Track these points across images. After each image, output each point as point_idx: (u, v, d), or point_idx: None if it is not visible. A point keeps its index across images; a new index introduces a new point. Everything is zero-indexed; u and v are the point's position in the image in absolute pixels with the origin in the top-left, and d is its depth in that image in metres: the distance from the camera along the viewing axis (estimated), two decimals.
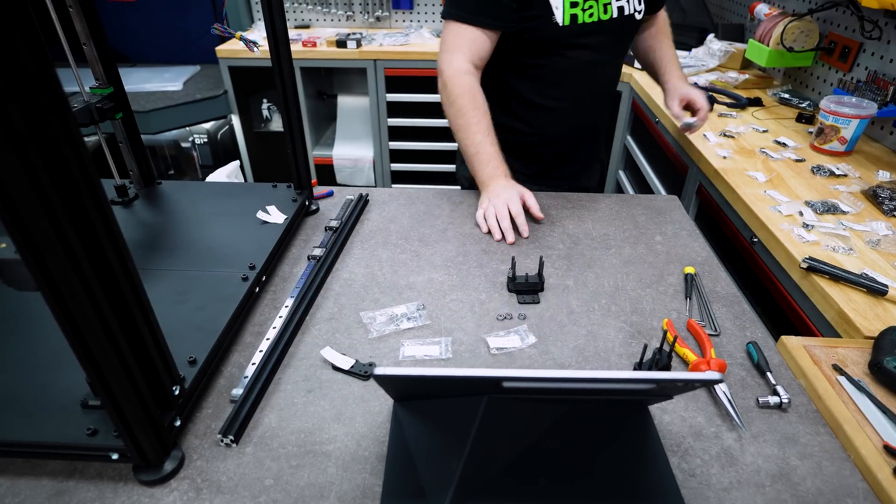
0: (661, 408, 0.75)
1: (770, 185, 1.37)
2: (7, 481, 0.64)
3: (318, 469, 0.66)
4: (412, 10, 3.03)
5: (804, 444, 0.70)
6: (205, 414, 0.73)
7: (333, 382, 0.78)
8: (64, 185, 0.45)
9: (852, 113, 1.46)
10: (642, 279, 1.00)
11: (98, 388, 0.54)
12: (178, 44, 3.06)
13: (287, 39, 1.01)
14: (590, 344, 0.86)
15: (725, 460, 0.68)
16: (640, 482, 0.64)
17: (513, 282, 0.96)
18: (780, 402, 0.74)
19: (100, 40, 0.97)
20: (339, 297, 0.95)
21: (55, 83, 0.42)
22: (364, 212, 1.21)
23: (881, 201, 1.25)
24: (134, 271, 0.55)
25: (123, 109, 1.05)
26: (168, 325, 0.63)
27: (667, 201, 1.26)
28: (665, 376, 0.68)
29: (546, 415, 0.61)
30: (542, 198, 1.26)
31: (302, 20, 3.10)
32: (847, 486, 0.65)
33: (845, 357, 0.82)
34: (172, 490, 0.64)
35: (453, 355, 0.83)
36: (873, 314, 0.93)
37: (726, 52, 2.20)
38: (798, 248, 1.11)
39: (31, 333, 0.78)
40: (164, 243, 0.99)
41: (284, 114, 1.08)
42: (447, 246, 1.08)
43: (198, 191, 1.18)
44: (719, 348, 0.85)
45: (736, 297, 0.96)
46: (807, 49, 1.84)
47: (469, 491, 0.59)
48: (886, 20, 1.56)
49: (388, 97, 2.75)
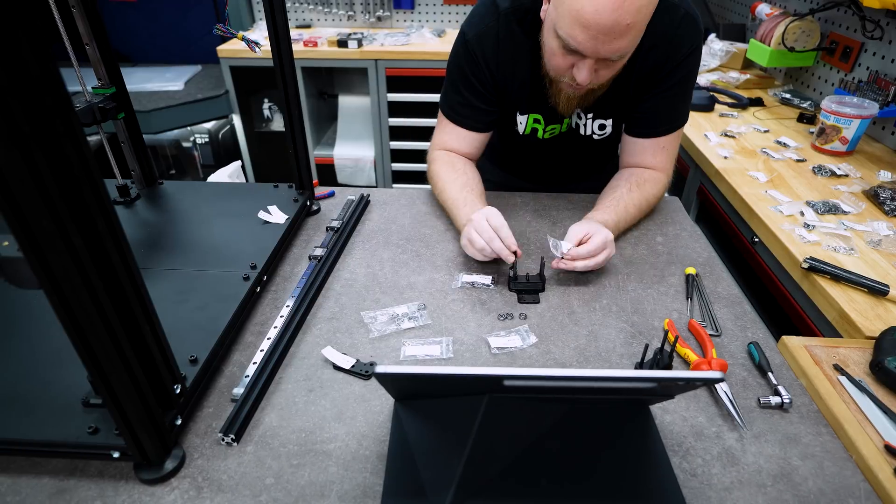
0: (663, 408, 0.75)
1: (771, 185, 1.37)
2: (8, 479, 0.64)
3: (319, 468, 0.66)
4: (413, 10, 3.03)
5: (806, 445, 0.70)
6: (206, 413, 0.73)
7: (334, 382, 0.78)
8: (66, 183, 0.45)
9: (853, 113, 1.46)
10: (643, 279, 1.00)
11: (99, 386, 0.54)
12: (179, 44, 3.06)
13: (288, 39, 1.01)
14: (591, 344, 0.86)
15: (727, 460, 0.68)
16: (641, 482, 0.64)
17: (514, 282, 0.96)
18: (781, 403, 0.74)
19: (102, 41, 0.97)
20: (341, 296, 0.95)
21: (58, 82, 0.42)
22: (365, 212, 1.21)
23: (882, 201, 1.25)
24: (136, 270, 0.55)
25: (125, 109, 1.06)
26: (169, 324, 0.63)
27: (668, 202, 1.26)
28: (666, 375, 0.68)
29: (547, 414, 0.61)
30: (543, 198, 1.26)
31: (303, 20, 3.10)
32: (849, 487, 0.65)
33: (846, 357, 0.82)
34: (173, 489, 0.64)
35: (454, 355, 0.83)
36: (874, 314, 0.93)
37: (728, 52, 2.20)
38: (799, 248, 1.11)
39: (33, 331, 0.78)
40: (165, 243, 0.99)
41: (286, 114, 1.08)
42: (448, 246, 1.08)
43: (199, 191, 1.18)
44: (720, 349, 0.85)
45: (737, 298, 0.96)
46: (808, 49, 1.84)
47: (470, 490, 0.59)
48: (888, 20, 1.56)
49: (389, 97, 2.76)
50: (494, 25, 1.03)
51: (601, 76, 0.94)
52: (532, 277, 0.97)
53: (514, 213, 1.20)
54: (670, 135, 1.12)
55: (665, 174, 1.15)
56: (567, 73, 0.94)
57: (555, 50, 0.92)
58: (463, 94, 1.11)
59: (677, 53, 1.01)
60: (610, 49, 0.85)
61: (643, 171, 1.14)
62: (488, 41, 1.05)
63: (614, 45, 0.85)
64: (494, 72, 1.07)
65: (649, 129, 1.12)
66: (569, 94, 1.02)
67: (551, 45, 0.93)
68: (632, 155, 1.15)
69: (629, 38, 0.85)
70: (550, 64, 0.97)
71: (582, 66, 0.90)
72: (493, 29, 1.04)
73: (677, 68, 1.02)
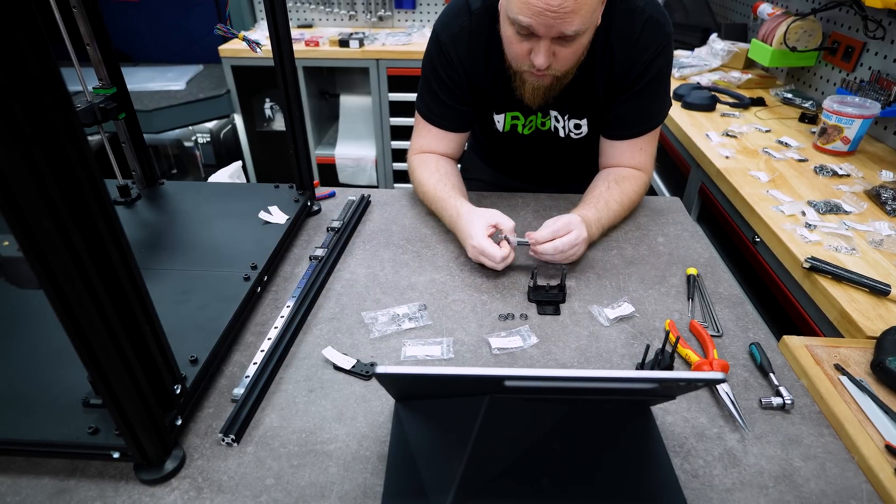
0: (664, 408, 0.74)
1: (772, 184, 1.37)
2: (8, 480, 0.64)
3: (320, 469, 0.66)
4: (414, 9, 3.03)
5: (807, 446, 0.70)
6: (206, 413, 0.73)
7: (335, 382, 0.78)
8: (67, 183, 0.45)
9: (855, 113, 1.45)
10: (644, 280, 1.00)
11: (100, 386, 0.54)
12: (181, 43, 3.06)
13: (289, 39, 1.01)
14: (592, 344, 0.85)
15: (728, 461, 0.68)
16: (642, 483, 0.64)
17: (534, 291, 0.95)
18: (783, 403, 0.74)
19: (103, 41, 0.97)
20: (341, 297, 0.95)
21: (59, 82, 0.42)
22: (366, 212, 1.21)
23: (884, 201, 1.25)
24: (136, 270, 0.55)
25: (126, 110, 1.06)
26: (170, 324, 0.63)
27: (669, 202, 1.26)
28: (667, 375, 0.68)
29: (548, 415, 0.61)
30: (544, 199, 1.26)
31: (304, 20, 3.10)
32: (851, 488, 0.65)
33: (847, 357, 0.82)
34: (173, 489, 0.64)
35: (455, 356, 0.83)
36: (875, 314, 0.93)
37: (729, 52, 2.19)
38: (800, 247, 1.11)
39: (33, 332, 0.78)
40: (166, 243, 0.99)
41: (286, 114, 1.08)
42: (449, 246, 1.08)
43: (200, 191, 1.18)
44: (722, 349, 0.85)
45: (738, 299, 0.95)
46: (810, 49, 1.83)
47: (470, 491, 0.59)
48: (890, 20, 1.55)
49: (390, 96, 2.76)
50: (467, 25, 1.03)
51: (561, 59, 0.93)
52: (552, 288, 0.95)
53: (514, 213, 1.20)
54: (646, 135, 1.12)
55: (645, 173, 1.16)
56: (526, 60, 0.94)
57: (511, 37, 0.92)
58: (438, 95, 1.11)
59: (642, 57, 1.01)
60: (561, 24, 0.85)
61: (621, 169, 1.14)
62: (461, 41, 1.05)
63: (565, 21, 0.84)
64: (469, 71, 1.07)
65: (623, 132, 1.12)
66: (533, 84, 1.01)
67: (507, 34, 0.93)
68: (610, 157, 1.16)
69: (581, 12, 0.84)
70: (510, 53, 0.97)
71: (538, 49, 0.90)
72: (465, 29, 1.04)
73: (644, 72, 1.03)
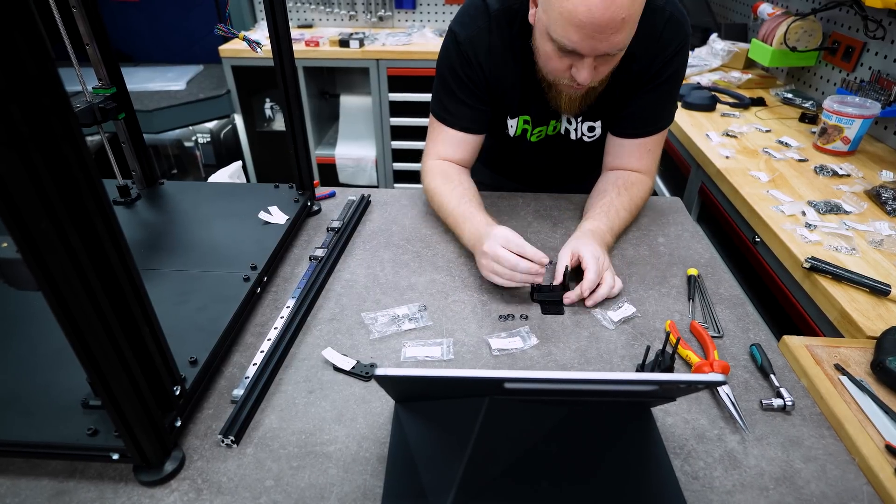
0: (664, 410, 0.74)
1: (773, 185, 1.36)
2: (7, 481, 0.64)
3: (319, 470, 0.66)
4: (415, 9, 3.03)
5: (808, 447, 0.70)
6: (205, 414, 0.73)
7: (334, 383, 0.78)
8: (65, 184, 0.44)
9: (856, 113, 1.45)
10: (645, 280, 0.99)
11: (99, 388, 0.54)
12: (181, 43, 3.06)
13: (290, 39, 1.01)
14: (592, 345, 0.85)
15: (729, 463, 0.68)
16: (642, 485, 0.64)
17: (538, 291, 0.94)
18: (783, 405, 0.74)
19: (103, 41, 0.97)
20: (341, 297, 0.95)
21: (57, 82, 0.42)
22: (366, 213, 1.21)
23: (884, 201, 1.25)
24: (135, 271, 0.55)
25: (126, 110, 1.05)
26: (169, 325, 0.62)
27: (669, 203, 1.26)
28: (668, 377, 0.68)
29: (548, 416, 0.61)
30: (544, 199, 1.26)
31: (305, 20, 3.10)
32: (852, 490, 0.65)
33: (847, 357, 0.82)
34: (173, 490, 0.63)
35: (455, 356, 0.83)
36: (876, 314, 0.92)
37: (729, 52, 2.19)
38: (801, 247, 1.11)
39: (32, 333, 0.78)
40: (165, 243, 0.99)
41: (286, 114, 1.08)
42: (449, 247, 1.08)
43: (200, 191, 1.17)
44: (722, 350, 0.84)
45: (739, 299, 0.95)
46: (810, 49, 1.83)
47: (470, 492, 0.58)
48: (890, 20, 1.55)
49: (390, 97, 2.76)
50: (486, 27, 1.03)
51: (601, 72, 0.93)
52: (556, 288, 0.93)
53: (515, 214, 1.20)
54: (655, 136, 1.11)
55: (650, 177, 1.15)
56: (566, 74, 0.93)
57: (550, 53, 0.91)
58: (457, 95, 1.10)
59: (663, 53, 1.01)
60: (608, 45, 0.85)
61: (629, 173, 1.13)
62: (481, 44, 1.04)
63: (611, 41, 0.84)
64: (488, 74, 1.07)
65: (635, 129, 1.11)
66: (570, 95, 1.01)
67: (546, 49, 0.92)
68: (617, 157, 1.15)
69: (625, 31, 0.84)
70: (547, 68, 0.96)
71: (581, 67, 0.89)
72: (484, 31, 1.03)
73: (664, 68, 1.02)
